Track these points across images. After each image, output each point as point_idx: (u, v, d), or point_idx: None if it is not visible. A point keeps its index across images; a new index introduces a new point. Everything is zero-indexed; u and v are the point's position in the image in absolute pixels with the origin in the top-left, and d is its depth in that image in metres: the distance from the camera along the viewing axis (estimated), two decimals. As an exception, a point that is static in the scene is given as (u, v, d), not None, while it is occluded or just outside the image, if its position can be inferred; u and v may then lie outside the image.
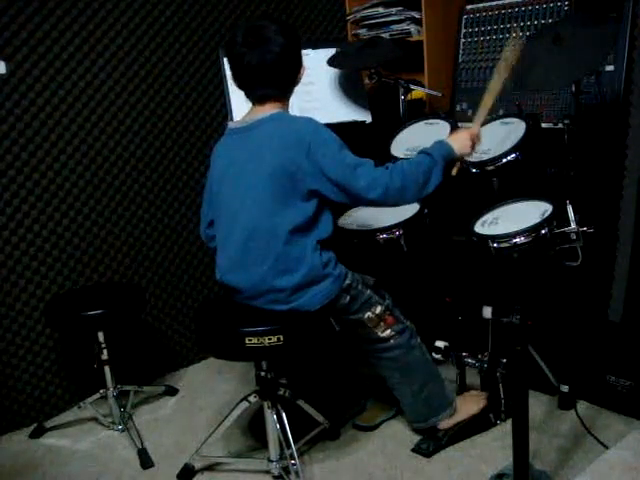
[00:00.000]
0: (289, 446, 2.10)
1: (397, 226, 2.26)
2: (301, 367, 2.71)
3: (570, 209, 2.02)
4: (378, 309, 2.12)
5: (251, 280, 1.99)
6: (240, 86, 2.01)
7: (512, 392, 1.90)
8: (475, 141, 2.08)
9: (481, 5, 2.73)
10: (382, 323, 2.13)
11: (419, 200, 2.21)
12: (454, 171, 2.11)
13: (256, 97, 2.00)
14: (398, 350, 2.17)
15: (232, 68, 1.99)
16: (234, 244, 2.01)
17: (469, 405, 2.35)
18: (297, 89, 2.08)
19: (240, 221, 1.98)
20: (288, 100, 2.06)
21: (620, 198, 2.31)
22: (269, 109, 1.98)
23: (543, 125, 2.34)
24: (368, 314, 2.11)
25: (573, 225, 2.00)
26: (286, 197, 1.92)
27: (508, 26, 2.64)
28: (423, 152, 2.02)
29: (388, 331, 2.14)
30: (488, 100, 2.11)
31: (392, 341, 2.16)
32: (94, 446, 2.49)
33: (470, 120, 2.73)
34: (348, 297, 2.06)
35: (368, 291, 2.12)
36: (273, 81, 1.95)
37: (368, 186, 1.90)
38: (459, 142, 2.05)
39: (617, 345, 2.32)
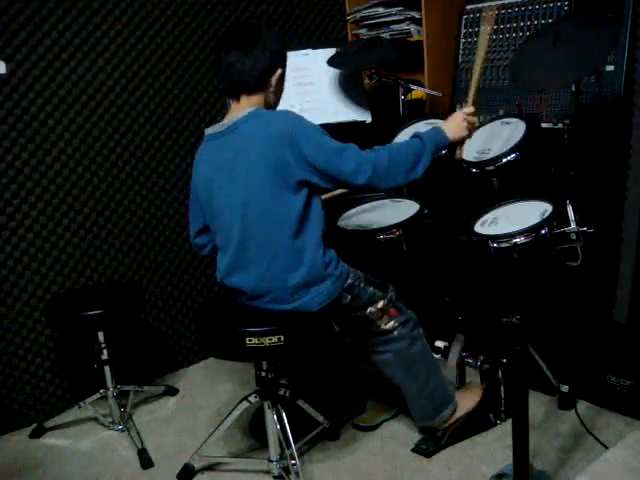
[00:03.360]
0: (289, 446, 2.10)
1: (397, 226, 2.25)
2: (301, 367, 2.71)
3: (570, 209, 2.02)
4: (380, 303, 2.11)
5: (253, 280, 1.99)
6: (223, 83, 2.00)
7: (512, 392, 1.90)
8: (471, 121, 2.07)
9: (481, 5, 2.74)
10: (385, 316, 2.12)
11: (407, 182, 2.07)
12: (457, 154, 2.12)
13: (231, 88, 1.98)
14: (402, 341, 2.16)
15: (216, 67, 1.98)
16: (233, 247, 2.00)
17: (465, 401, 2.34)
18: (297, 89, 2.07)
19: (236, 223, 1.97)
20: (266, 98, 2.01)
21: (623, 198, 2.31)
22: (245, 106, 1.96)
23: (543, 125, 2.34)
24: (370, 309, 2.10)
25: (573, 225, 2.00)
26: (278, 192, 1.91)
27: (508, 26, 2.65)
28: (415, 135, 2.02)
29: (392, 323, 2.14)
30: (475, 77, 2.11)
31: (395, 332, 2.15)
32: (94, 446, 2.49)
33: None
34: (349, 297, 2.05)
35: (371, 288, 2.11)
36: (252, 76, 1.93)
37: (355, 169, 1.89)
38: (454, 126, 2.05)
39: (617, 345, 2.32)
